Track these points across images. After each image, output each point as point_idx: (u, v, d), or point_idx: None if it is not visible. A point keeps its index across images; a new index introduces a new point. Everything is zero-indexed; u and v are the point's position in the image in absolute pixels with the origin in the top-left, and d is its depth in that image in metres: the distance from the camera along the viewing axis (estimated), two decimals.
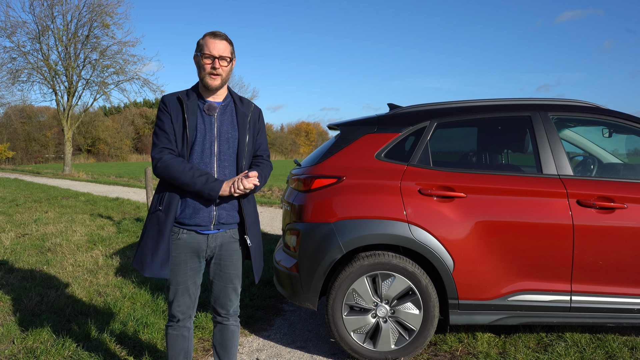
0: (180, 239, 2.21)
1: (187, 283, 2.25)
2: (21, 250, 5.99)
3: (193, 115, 2.18)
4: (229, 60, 2.20)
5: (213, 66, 2.15)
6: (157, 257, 2.15)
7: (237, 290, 2.36)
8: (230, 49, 2.20)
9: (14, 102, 29.90)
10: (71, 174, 24.32)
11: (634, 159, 3.72)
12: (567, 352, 3.01)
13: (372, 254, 2.95)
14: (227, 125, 2.23)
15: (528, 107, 3.15)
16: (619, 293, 2.86)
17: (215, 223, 2.20)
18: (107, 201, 11.35)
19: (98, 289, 4.37)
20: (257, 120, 2.34)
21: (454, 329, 3.44)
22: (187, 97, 2.21)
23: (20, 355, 3.04)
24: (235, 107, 2.27)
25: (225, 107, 2.26)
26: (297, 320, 3.78)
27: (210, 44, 2.15)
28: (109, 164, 46.21)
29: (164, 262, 2.16)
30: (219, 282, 2.31)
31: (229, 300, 2.34)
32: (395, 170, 3.02)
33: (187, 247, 2.21)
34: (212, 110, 2.21)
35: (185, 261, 2.23)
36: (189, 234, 2.21)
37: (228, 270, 2.30)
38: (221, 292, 2.32)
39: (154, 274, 2.15)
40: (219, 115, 2.23)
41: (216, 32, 2.18)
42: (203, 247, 2.23)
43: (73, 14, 24.49)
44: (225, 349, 2.41)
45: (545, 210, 2.86)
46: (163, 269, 2.16)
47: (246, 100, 2.34)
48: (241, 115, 2.26)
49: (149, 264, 2.15)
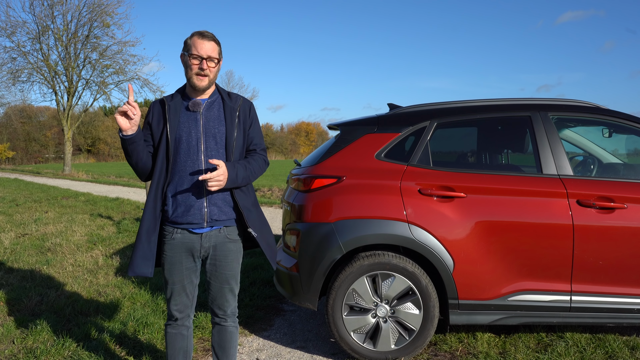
0: (174, 239, 2.22)
1: (183, 282, 2.27)
2: (21, 250, 5.99)
3: (175, 113, 2.19)
4: (217, 61, 2.19)
5: (201, 67, 2.15)
6: (137, 254, 2.18)
7: (234, 291, 2.36)
8: (218, 49, 2.20)
9: (14, 102, 29.93)
10: (71, 174, 24.32)
11: (634, 159, 3.72)
12: (567, 352, 3.01)
13: (372, 254, 2.95)
14: (214, 120, 2.22)
15: (528, 107, 3.15)
16: (619, 293, 2.86)
17: (208, 220, 2.20)
18: (107, 201, 11.35)
19: (98, 289, 4.37)
20: (247, 114, 2.31)
21: (454, 329, 3.44)
22: (172, 98, 2.24)
23: (20, 355, 3.04)
24: (223, 102, 2.27)
25: (211, 103, 2.25)
26: (297, 320, 3.78)
27: (198, 44, 2.14)
28: (109, 164, 46.20)
29: (146, 260, 2.18)
30: (215, 283, 2.31)
31: (226, 301, 2.34)
32: (395, 170, 3.02)
33: (181, 246, 2.23)
34: (196, 107, 2.21)
35: (180, 261, 2.24)
36: (182, 233, 2.22)
37: (223, 270, 2.29)
38: (218, 293, 2.32)
39: (135, 272, 2.17)
40: (205, 111, 2.22)
41: (204, 32, 2.18)
42: (197, 246, 2.23)
43: (73, 14, 24.51)
44: (224, 350, 2.41)
45: (545, 210, 2.86)
46: (143, 266, 2.18)
47: (234, 95, 2.33)
48: (229, 110, 2.25)
49: (132, 262, 2.19)
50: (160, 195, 2.21)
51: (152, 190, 2.22)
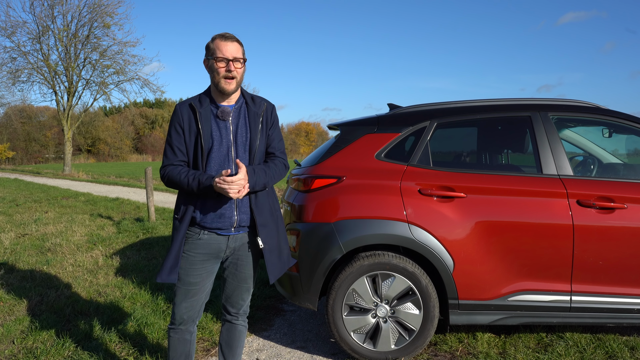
0: (201, 239, 2.19)
1: (198, 285, 2.23)
2: (21, 250, 5.99)
3: (207, 123, 2.14)
4: (243, 61, 2.15)
5: (228, 69, 2.10)
6: (168, 262, 2.16)
7: (250, 290, 2.36)
8: (241, 49, 2.16)
9: (14, 102, 29.97)
10: (71, 174, 24.32)
11: (634, 159, 3.72)
12: (567, 352, 3.01)
13: (372, 254, 2.95)
14: (242, 128, 2.20)
15: (528, 107, 3.15)
16: (619, 293, 2.86)
17: (236, 226, 2.20)
18: (107, 201, 11.34)
19: (98, 289, 4.37)
20: (269, 118, 2.28)
21: (454, 329, 3.44)
22: (200, 103, 2.17)
23: (20, 355, 3.04)
24: (247, 108, 2.23)
25: (238, 109, 2.22)
26: (297, 320, 3.78)
27: (222, 46, 2.11)
28: (109, 164, 46.21)
29: (173, 268, 2.16)
30: (232, 281, 2.30)
31: (242, 300, 2.34)
32: (395, 170, 3.02)
33: (206, 247, 2.20)
34: (226, 115, 2.17)
35: (202, 261, 2.21)
36: (210, 234, 2.19)
37: (244, 270, 2.29)
38: (234, 291, 2.32)
39: (163, 279, 2.15)
40: (234, 119, 2.19)
41: (225, 34, 2.14)
42: (223, 247, 2.22)
43: (73, 14, 24.51)
44: (231, 349, 2.41)
45: (545, 210, 2.86)
46: (171, 274, 2.15)
47: (258, 98, 2.28)
48: (253, 116, 2.21)
49: (161, 269, 2.16)
50: (192, 203, 2.17)
51: (182, 197, 2.20)
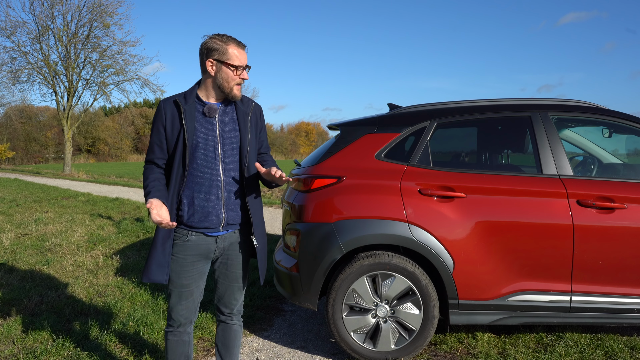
0: (189, 241, 2.19)
1: (191, 287, 2.23)
2: (21, 250, 5.99)
3: (191, 119, 2.14)
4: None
5: (243, 77, 2.15)
6: (152, 261, 2.13)
7: (243, 289, 2.36)
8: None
9: (14, 102, 29.85)
10: (71, 174, 24.30)
11: (634, 159, 3.72)
12: (567, 352, 3.01)
13: (372, 254, 2.95)
14: (229, 126, 2.20)
15: (528, 107, 3.15)
16: (619, 293, 2.86)
17: (224, 224, 2.20)
18: (107, 201, 11.34)
19: (98, 289, 4.37)
20: (258, 119, 2.32)
21: (454, 329, 3.44)
22: (185, 100, 2.16)
23: (20, 355, 3.04)
24: (236, 107, 2.24)
25: (225, 107, 2.23)
26: (297, 320, 3.78)
27: (240, 54, 2.13)
28: (109, 164, 46.18)
29: (160, 267, 2.13)
30: (224, 281, 2.30)
31: (234, 299, 2.34)
32: (395, 170, 3.02)
33: (195, 249, 2.19)
34: (212, 112, 2.17)
35: (192, 263, 2.21)
36: (197, 236, 2.19)
37: (235, 269, 2.29)
38: (226, 291, 2.31)
39: (149, 278, 2.13)
40: (220, 117, 2.20)
41: (237, 40, 2.16)
42: (212, 248, 2.22)
43: (73, 14, 24.47)
44: (228, 349, 2.41)
45: (545, 210, 2.86)
46: (157, 273, 2.13)
47: (246, 98, 2.31)
48: (242, 115, 2.23)
49: (146, 269, 2.14)
50: (176, 201, 2.16)
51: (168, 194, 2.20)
